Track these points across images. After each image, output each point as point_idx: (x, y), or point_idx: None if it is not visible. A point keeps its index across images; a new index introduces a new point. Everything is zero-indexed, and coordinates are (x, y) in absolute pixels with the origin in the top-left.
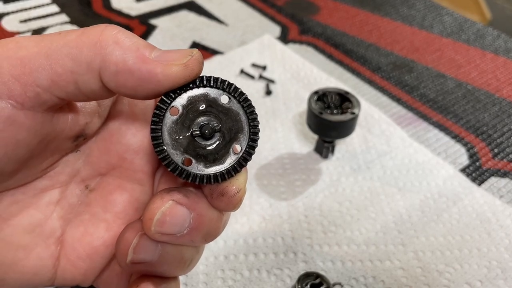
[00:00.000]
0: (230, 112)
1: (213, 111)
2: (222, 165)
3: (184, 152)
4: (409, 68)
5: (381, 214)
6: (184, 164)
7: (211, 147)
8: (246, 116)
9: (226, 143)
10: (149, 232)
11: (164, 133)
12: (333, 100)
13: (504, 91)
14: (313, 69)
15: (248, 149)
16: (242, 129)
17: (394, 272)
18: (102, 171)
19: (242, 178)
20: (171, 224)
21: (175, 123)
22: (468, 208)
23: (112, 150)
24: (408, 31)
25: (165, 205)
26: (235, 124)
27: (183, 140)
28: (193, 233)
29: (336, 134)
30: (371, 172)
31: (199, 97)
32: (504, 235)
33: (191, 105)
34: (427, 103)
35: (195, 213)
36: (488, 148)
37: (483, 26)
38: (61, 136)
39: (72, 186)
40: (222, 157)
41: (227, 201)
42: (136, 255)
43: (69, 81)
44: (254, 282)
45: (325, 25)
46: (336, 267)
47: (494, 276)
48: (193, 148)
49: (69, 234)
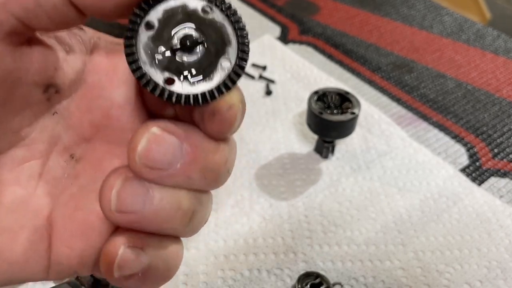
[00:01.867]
0: (214, 24)
1: (195, 23)
2: (210, 83)
3: (165, 70)
4: (409, 68)
5: (381, 214)
6: (166, 84)
7: (195, 63)
8: (233, 26)
9: (213, 59)
10: (134, 166)
11: (140, 50)
12: (333, 100)
13: (504, 91)
14: (313, 69)
15: (239, 62)
16: (229, 42)
17: (394, 272)
18: (86, 135)
19: (235, 94)
20: (159, 153)
21: (151, 39)
22: (468, 208)
23: (94, 107)
24: (408, 31)
25: (150, 130)
26: (220, 37)
27: (162, 58)
28: (187, 169)
29: (336, 134)
30: (371, 172)
31: (176, 9)
32: (504, 235)
33: (168, 18)
34: (427, 103)
35: (187, 143)
36: (488, 148)
37: (483, 26)
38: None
39: (54, 156)
40: (209, 74)
41: (220, 120)
42: (121, 201)
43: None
44: (254, 282)
45: (325, 25)
46: (336, 267)
47: (494, 276)
48: (175, 66)
49: (59, 211)
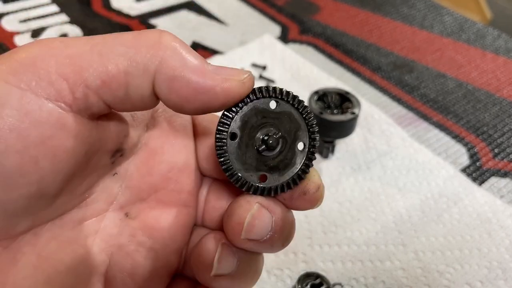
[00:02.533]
0: (283, 115)
1: (268, 120)
2: (294, 167)
3: (257, 170)
4: (409, 68)
5: (381, 215)
6: (261, 181)
7: (279, 155)
8: (299, 112)
9: (290, 145)
10: (237, 239)
11: (233, 161)
12: (333, 100)
13: (504, 91)
14: (313, 69)
15: (312, 142)
16: (299, 126)
17: (395, 272)
18: (142, 196)
19: (316, 174)
20: (259, 228)
21: (238, 148)
22: (468, 208)
23: (154, 170)
24: (409, 31)
25: (253, 207)
26: (291, 124)
27: (252, 160)
28: (274, 238)
29: (336, 134)
30: (371, 172)
31: (250, 113)
32: (504, 235)
33: (246, 123)
34: (428, 103)
35: (276, 216)
36: (489, 148)
37: (483, 26)
38: (104, 148)
39: (110, 214)
40: (291, 159)
41: (309, 199)
42: (220, 266)
43: (121, 84)
44: None
45: (325, 25)
46: (336, 268)
47: (495, 276)
48: (263, 163)
49: (116, 269)
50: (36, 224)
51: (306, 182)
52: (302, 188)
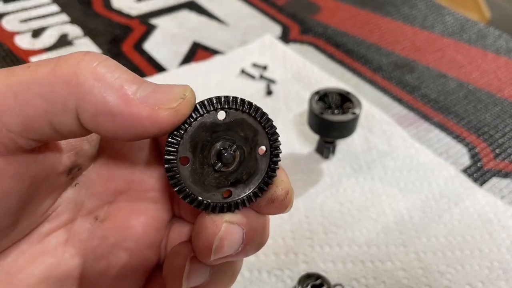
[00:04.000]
0: (235, 123)
1: (219, 134)
2: (259, 174)
3: (219, 188)
4: (410, 68)
5: (382, 215)
6: (226, 198)
7: (239, 166)
8: (251, 116)
9: (250, 153)
10: (207, 259)
11: (190, 186)
12: (334, 100)
13: (505, 91)
14: (314, 69)
15: (273, 144)
16: (256, 131)
17: (396, 273)
18: (109, 199)
19: (285, 177)
20: (229, 246)
21: (192, 171)
22: (469, 208)
23: (116, 175)
24: (410, 31)
25: (220, 229)
26: (246, 131)
27: (211, 179)
28: (247, 248)
29: (337, 134)
30: (372, 172)
31: (198, 131)
32: (505, 236)
33: (195, 144)
34: (429, 103)
35: (247, 228)
36: (490, 148)
37: (484, 26)
38: (53, 173)
39: (78, 221)
40: (254, 167)
41: (279, 205)
42: (190, 282)
43: (43, 123)
44: (254, 283)
45: (326, 25)
46: (337, 268)
47: (496, 277)
48: (225, 178)
49: (90, 270)
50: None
51: (274, 188)
52: (269, 195)
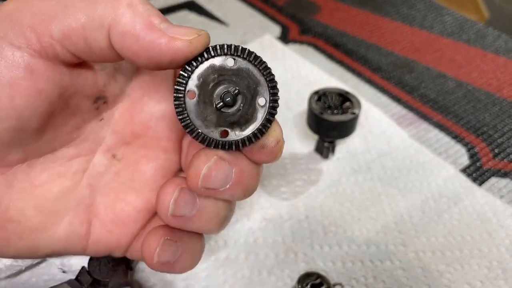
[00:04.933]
0: (241, 71)
1: (225, 77)
2: (255, 122)
3: (218, 126)
4: (409, 68)
5: (381, 215)
6: (222, 136)
7: (238, 111)
8: (256, 68)
9: (250, 101)
10: (195, 187)
11: (193, 119)
12: (333, 100)
13: (504, 91)
14: (313, 69)
15: (272, 97)
16: (258, 82)
17: (395, 272)
18: (127, 140)
19: (278, 129)
20: (216, 178)
21: (197, 105)
22: (468, 208)
23: (135, 119)
24: (409, 31)
25: (210, 160)
26: (250, 80)
27: (212, 117)
28: (234, 188)
29: (337, 134)
30: (372, 172)
31: (207, 71)
32: (504, 235)
33: (203, 81)
34: (428, 103)
35: (237, 168)
36: (489, 148)
37: (483, 26)
38: (81, 93)
39: (98, 155)
40: (252, 115)
41: (269, 152)
42: (176, 208)
43: (80, 37)
44: (254, 282)
45: (326, 25)
46: (337, 267)
47: (495, 276)
48: (224, 119)
49: (100, 201)
50: (28, 156)
51: (267, 136)
52: (261, 142)
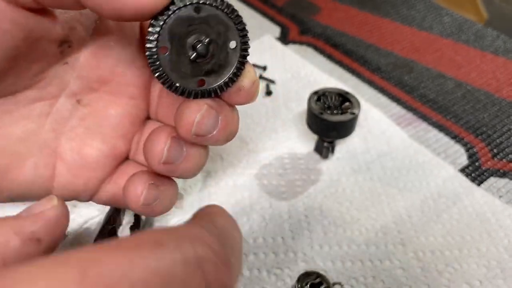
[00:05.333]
0: (209, 18)
1: (195, 27)
2: (230, 66)
3: (193, 77)
4: (409, 69)
5: (381, 215)
6: (199, 86)
7: (211, 58)
8: (223, 12)
9: (221, 47)
10: (188, 135)
11: (169, 72)
12: (333, 100)
13: (503, 92)
14: (313, 69)
15: (243, 39)
16: (228, 26)
17: (394, 272)
18: (93, 86)
19: (251, 69)
20: (207, 126)
21: (170, 59)
22: (468, 208)
23: (101, 63)
24: (408, 31)
25: (202, 108)
26: (219, 26)
27: (186, 68)
28: (220, 134)
29: (336, 134)
30: (371, 172)
31: (175, 22)
32: (503, 235)
33: (174, 34)
34: (427, 103)
35: (222, 115)
36: (488, 148)
37: (482, 27)
38: (46, 37)
39: (62, 99)
40: (225, 60)
41: (246, 94)
42: (169, 156)
43: None
44: (254, 281)
45: (325, 25)
46: (336, 267)
47: (494, 276)
48: (198, 69)
49: (65, 145)
50: None
51: (242, 78)
52: (237, 85)
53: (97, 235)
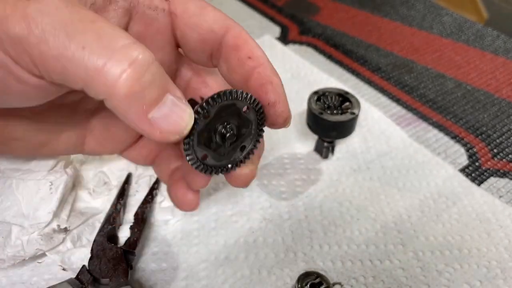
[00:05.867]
0: (246, 120)
1: (234, 117)
2: (230, 159)
3: (235, 151)
4: (409, 69)
5: (381, 214)
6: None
7: (226, 145)
8: (257, 124)
9: (238, 143)
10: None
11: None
12: (333, 101)
13: (503, 91)
14: (313, 69)
15: (253, 146)
16: (250, 134)
17: (394, 271)
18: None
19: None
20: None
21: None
22: (467, 208)
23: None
24: (408, 31)
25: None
26: (247, 130)
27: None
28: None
29: (336, 134)
30: (371, 172)
31: (227, 105)
32: (503, 235)
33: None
34: (427, 103)
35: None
36: (488, 148)
37: (482, 27)
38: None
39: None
40: (231, 153)
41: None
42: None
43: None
44: (254, 281)
45: (325, 25)
46: (336, 267)
47: (494, 276)
48: (214, 147)
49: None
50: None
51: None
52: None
53: (97, 235)
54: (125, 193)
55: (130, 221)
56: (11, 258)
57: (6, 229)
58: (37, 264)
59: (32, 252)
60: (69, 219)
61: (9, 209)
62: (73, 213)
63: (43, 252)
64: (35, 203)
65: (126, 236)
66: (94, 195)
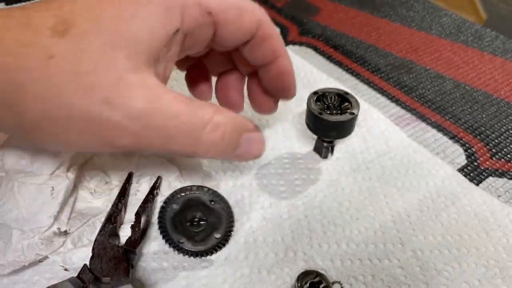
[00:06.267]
0: (215, 211)
1: (201, 208)
2: (205, 245)
3: (179, 235)
4: (408, 69)
5: (380, 214)
6: (179, 241)
7: (199, 232)
8: (226, 215)
9: (210, 231)
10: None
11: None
12: (332, 101)
13: (502, 92)
14: (312, 69)
15: (224, 236)
16: (221, 223)
17: (393, 270)
18: None
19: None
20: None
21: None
22: (466, 207)
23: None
24: (407, 32)
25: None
26: (217, 219)
27: (180, 227)
28: None
29: (336, 134)
30: (371, 172)
31: (193, 198)
32: (502, 234)
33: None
34: (426, 104)
35: None
36: (486, 148)
37: (481, 27)
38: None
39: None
40: (205, 239)
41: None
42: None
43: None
44: (254, 281)
45: (325, 26)
46: (336, 266)
47: (492, 275)
48: (187, 232)
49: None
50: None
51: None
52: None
53: (98, 234)
54: (126, 193)
55: (131, 220)
56: (11, 263)
57: (7, 233)
58: (39, 263)
59: (32, 257)
60: (69, 221)
61: (10, 212)
62: (74, 214)
63: (43, 257)
64: (36, 208)
65: (127, 235)
66: (95, 194)
